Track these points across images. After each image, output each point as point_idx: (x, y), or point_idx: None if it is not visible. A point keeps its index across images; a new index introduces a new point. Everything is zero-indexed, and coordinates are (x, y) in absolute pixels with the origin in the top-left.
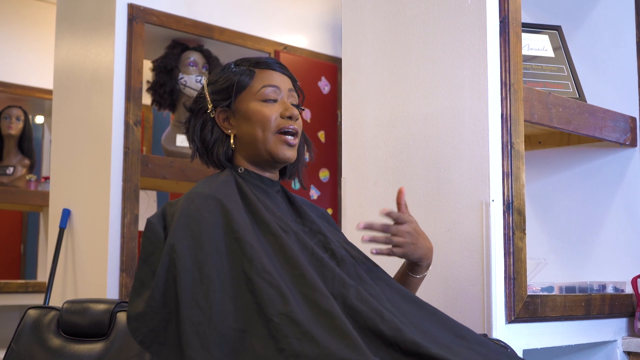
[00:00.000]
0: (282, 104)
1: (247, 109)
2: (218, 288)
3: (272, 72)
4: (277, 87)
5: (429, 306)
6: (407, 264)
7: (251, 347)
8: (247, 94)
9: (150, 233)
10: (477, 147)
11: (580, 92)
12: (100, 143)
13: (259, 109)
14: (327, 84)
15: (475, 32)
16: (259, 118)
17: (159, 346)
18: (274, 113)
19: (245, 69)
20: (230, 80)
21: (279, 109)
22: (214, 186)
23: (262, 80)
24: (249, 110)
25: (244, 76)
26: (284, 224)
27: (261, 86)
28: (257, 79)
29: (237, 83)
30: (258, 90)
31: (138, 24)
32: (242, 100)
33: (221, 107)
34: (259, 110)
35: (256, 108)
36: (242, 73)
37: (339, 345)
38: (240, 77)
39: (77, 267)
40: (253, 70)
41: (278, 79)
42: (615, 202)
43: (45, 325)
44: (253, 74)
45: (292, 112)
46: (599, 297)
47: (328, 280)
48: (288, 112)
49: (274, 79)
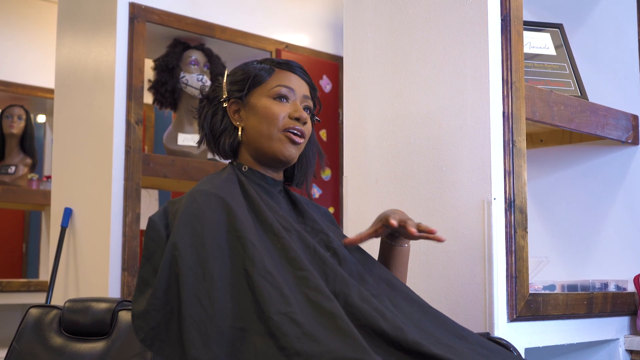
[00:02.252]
0: (293, 105)
1: (257, 103)
2: (220, 286)
3: (291, 75)
4: (292, 89)
5: (430, 307)
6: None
7: (252, 345)
8: (262, 89)
9: (152, 232)
10: (478, 146)
11: (582, 90)
12: (102, 142)
13: (269, 105)
14: (329, 82)
15: (477, 30)
16: (267, 114)
17: (161, 344)
18: (283, 112)
19: (266, 66)
20: (248, 73)
21: (289, 110)
22: (216, 184)
23: (278, 80)
24: (259, 105)
25: (263, 72)
26: (287, 223)
27: (276, 84)
28: (274, 77)
29: (253, 77)
30: (272, 88)
31: (139, 22)
32: (255, 95)
33: (234, 99)
34: (269, 107)
35: (266, 104)
36: (261, 69)
37: (341, 343)
38: (258, 72)
39: (79, 266)
40: (273, 68)
41: (295, 82)
42: (617, 200)
43: (47, 324)
44: (272, 72)
45: (301, 114)
46: (601, 296)
47: (330, 279)
48: (297, 113)
49: (290, 81)
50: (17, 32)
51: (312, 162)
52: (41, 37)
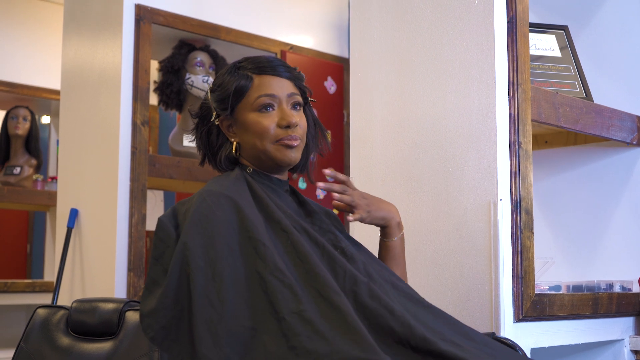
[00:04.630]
0: (279, 112)
1: (245, 119)
2: (230, 286)
3: (270, 78)
4: (273, 94)
5: (436, 309)
6: (381, 232)
7: (262, 345)
8: (245, 103)
9: (162, 232)
10: (484, 147)
11: (587, 91)
12: (108, 143)
13: (256, 119)
14: (334, 83)
15: (483, 32)
16: (257, 129)
17: (171, 343)
18: (271, 123)
19: (243, 75)
20: (227, 90)
21: (276, 118)
22: (225, 185)
23: (258, 90)
24: (247, 121)
25: (242, 82)
26: (295, 222)
27: (257, 96)
28: (254, 88)
29: (233, 94)
30: (254, 100)
31: (145, 24)
32: (240, 110)
33: (223, 116)
34: (257, 122)
35: (253, 119)
36: (240, 79)
37: (351, 343)
38: (237, 85)
39: (85, 266)
40: (251, 76)
41: (275, 86)
42: (622, 201)
43: (54, 324)
44: (251, 80)
45: (290, 120)
46: (606, 296)
47: (339, 276)
48: (285, 121)
49: (270, 87)
50: (23, 34)
51: (312, 148)
52: (46, 38)
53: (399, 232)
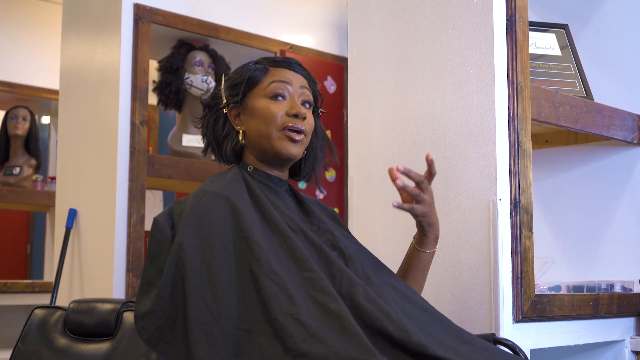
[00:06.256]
0: (290, 102)
1: (255, 105)
2: (226, 288)
3: (287, 70)
4: (286, 82)
5: (436, 311)
6: (417, 237)
7: (258, 347)
8: (258, 90)
9: (157, 232)
10: (484, 146)
11: (587, 90)
12: (107, 143)
13: (266, 105)
14: (333, 83)
15: (482, 30)
16: (265, 115)
17: (166, 345)
18: (280, 110)
19: (260, 67)
20: (242, 76)
21: (286, 107)
22: (222, 184)
23: (272, 76)
24: (257, 106)
25: (258, 72)
26: (293, 222)
27: (270, 81)
28: (269, 76)
29: (248, 79)
30: (267, 86)
31: (144, 24)
32: (252, 97)
33: (233, 103)
34: (266, 107)
35: (263, 105)
36: (256, 69)
37: (347, 345)
38: (253, 74)
39: (84, 267)
40: (268, 68)
41: (290, 76)
42: (622, 200)
43: (51, 325)
44: (267, 71)
45: (299, 110)
46: (606, 297)
47: (336, 279)
48: (294, 110)
49: (284, 75)
50: (22, 34)
51: (319, 156)
52: (45, 38)
53: (434, 246)
